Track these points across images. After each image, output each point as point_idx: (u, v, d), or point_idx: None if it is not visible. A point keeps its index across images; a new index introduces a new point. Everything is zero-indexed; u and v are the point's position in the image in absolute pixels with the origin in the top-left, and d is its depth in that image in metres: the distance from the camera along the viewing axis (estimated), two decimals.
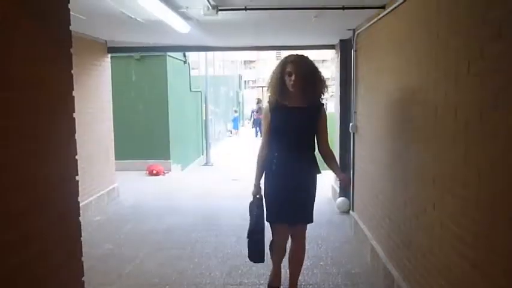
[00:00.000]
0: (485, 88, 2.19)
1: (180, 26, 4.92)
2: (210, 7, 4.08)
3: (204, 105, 14.39)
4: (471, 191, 2.36)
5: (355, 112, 5.74)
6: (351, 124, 5.85)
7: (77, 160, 1.84)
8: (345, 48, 6.58)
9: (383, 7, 4.17)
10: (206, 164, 13.70)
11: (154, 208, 7.14)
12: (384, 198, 4.22)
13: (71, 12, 1.79)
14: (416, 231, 3.23)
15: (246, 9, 4.25)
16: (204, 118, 14.48)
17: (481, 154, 2.24)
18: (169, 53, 10.68)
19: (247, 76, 39.59)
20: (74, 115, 1.81)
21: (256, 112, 21.51)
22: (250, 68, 44.27)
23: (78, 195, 1.84)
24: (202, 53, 14.47)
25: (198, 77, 14.68)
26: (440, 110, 2.79)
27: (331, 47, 7.39)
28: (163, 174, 10.19)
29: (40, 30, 1.59)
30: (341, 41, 6.70)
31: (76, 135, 1.85)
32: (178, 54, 11.66)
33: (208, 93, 14.53)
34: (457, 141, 2.54)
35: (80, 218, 1.93)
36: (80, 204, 1.93)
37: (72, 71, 1.79)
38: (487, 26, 2.16)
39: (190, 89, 13.23)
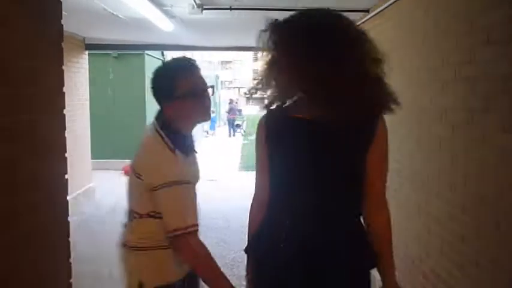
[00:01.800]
0: (474, 93, 2.22)
1: (163, 25, 4.86)
2: (195, 6, 4.04)
3: None
4: (457, 194, 2.39)
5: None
6: None
7: (66, 158, 1.79)
8: None
9: (367, 11, 4.22)
10: None
11: None
12: None
13: None
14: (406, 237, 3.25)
15: (230, 8, 4.23)
16: None
17: (469, 159, 2.27)
18: (147, 52, 10.55)
19: (223, 77, 39.54)
20: (64, 111, 1.76)
21: (228, 113, 21.81)
22: (226, 69, 44.19)
23: (67, 194, 1.79)
24: (181, 53, 14.33)
25: None
26: (427, 114, 2.82)
27: None
28: None
29: (31, 23, 1.53)
30: None
31: None
32: (157, 53, 11.52)
33: None
34: (443, 147, 2.57)
35: None
36: None
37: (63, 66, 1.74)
38: (477, 31, 2.19)
39: None
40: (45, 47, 1.65)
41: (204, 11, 4.20)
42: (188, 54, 15.26)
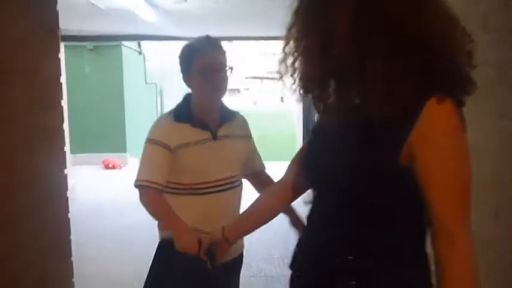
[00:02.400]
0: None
1: (146, 15, 4.73)
2: None
3: (159, 98, 14.08)
4: None
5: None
6: (315, 119, 5.85)
7: (65, 152, 1.69)
8: None
9: None
10: None
11: (114, 204, 6.88)
12: None
13: None
14: None
15: None
16: (160, 111, 14.17)
17: None
18: (124, 43, 10.32)
19: None
20: (62, 103, 1.67)
21: None
22: None
23: (67, 190, 1.70)
24: (158, 44, 14.13)
25: (153, 69, 14.33)
26: None
27: None
28: (119, 168, 9.87)
29: (27, 8, 1.43)
30: None
31: None
32: (133, 44, 11.29)
33: (163, 85, 14.23)
34: None
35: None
36: None
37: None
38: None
39: (146, 81, 12.88)
40: (42, 34, 1.55)
41: (188, 0, 4.10)
42: (167, 44, 15.03)
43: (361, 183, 1.03)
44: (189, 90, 2.02)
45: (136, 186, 1.86)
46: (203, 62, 1.83)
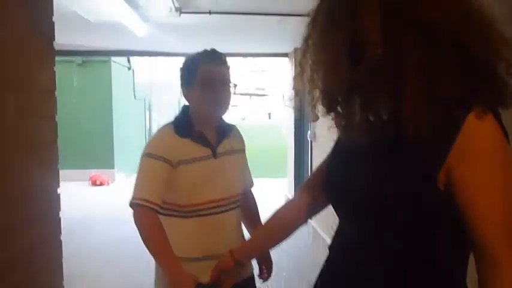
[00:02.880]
0: None
1: (137, 29, 4.68)
2: (174, 9, 3.90)
3: (147, 113, 13.98)
4: None
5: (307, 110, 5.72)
6: (308, 132, 5.83)
7: (58, 169, 1.61)
8: None
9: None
10: None
11: (101, 220, 6.76)
12: None
13: None
14: None
15: (210, 13, 4.11)
16: (148, 126, 14.06)
17: None
18: (113, 59, 10.26)
19: None
20: (56, 118, 1.59)
21: None
22: None
23: (59, 210, 1.61)
24: (146, 60, 14.09)
25: (141, 84, 14.26)
26: None
27: (284, 55, 7.38)
28: (107, 184, 9.72)
29: (22, 16, 1.37)
30: (296, 49, 6.69)
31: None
32: (123, 60, 11.23)
33: (152, 100, 14.14)
34: None
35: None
36: None
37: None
38: None
39: (135, 96, 12.79)
40: (38, 44, 1.48)
41: (182, 15, 4.06)
42: (156, 59, 15.02)
43: (392, 209, 0.94)
44: (180, 104, 1.93)
45: (131, 205, 1.71)
46: (206, 75, 1.76)
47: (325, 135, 5.17)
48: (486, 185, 0.88)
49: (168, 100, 23.51)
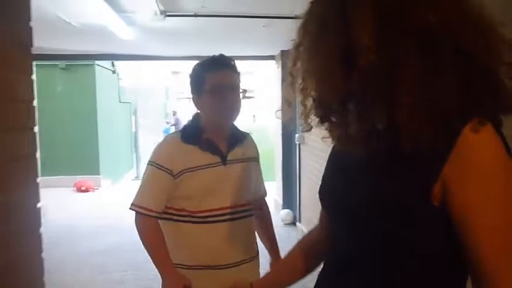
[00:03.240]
0: None
1: (122, 33, 4.60)
2: (159, 12, 3.83)
3: (133, 117, 13.85)
4: None
5: (300, 122, 5.69)
6: (296, 135, 5.79)
7: (38, 184, 1.53)
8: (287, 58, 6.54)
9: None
10: (137, 177, 13.12)
11: (88, 228, 6.62)
12: None
13: None
14: None
15: (195, 15, 4.05)
16: (134, 130, 13.92)
17: None
18: (97, 62, 10.11)
19: (174, 87, 38.87)
20: (35, 129, 1.51)
21: (174, 125, 20.44)
22: (177, 79, 43.44)
23: (40, 226, 1.53)
24: (131, 63, 13.96)
25: (127, 88, 14.12)
26: None
27: (271, 57, 7.34)
28: (92, 190, 9.57)
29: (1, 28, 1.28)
30: (282, 51, 6.65)
31: None
32: (107, 64, 11.08)
33: (138, 105, 14.01)
34: None
35: None
36: None
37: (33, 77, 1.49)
38: None
39: (120, 100, 12.65)
40: (13, 52, 1.40)
41: (166, 18, 4.00)
42: (142, 64, 14.92)
43: (383, 223, 0.88)
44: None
45: (132, 209, 1.81)
46: (215, 81, 1.74)
47: (313, 139, 5.13)
48: (483, 203, 0.80)
49: (153, 104, 23.39)
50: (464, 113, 0.81)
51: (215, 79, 1.75)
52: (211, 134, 1.80)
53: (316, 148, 5.02)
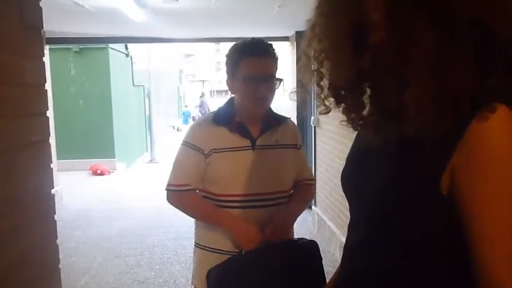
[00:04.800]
0: None
1: (134, 15, 4.54)
2: None
3: (147, 100, 13.83)
4: None
5: (316, 104, 5.60)
6: (312, 118, 5.71)
7: (52, 169, 1.50)
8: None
9: None
10: (151, 161, 13.16)
11: (103, 211, 6.67)
12: None
13: None
14: None
15: None
16: (147, 113, 13.92)
17: None
18: (111, 45, 10.07)
19: (186, 70, 38.77)
20: (48, 113, 1.47)
21: (199, 107, 20.84)
22: (189, 62, 43.37)
23: (55, 213, 1.50)
24: (144, 46, 13.91)
25: (140, 71, 14.10)
26: None
27: (285, 39, 7.22)
28: (108, 174, 9.63)
29: (4, 9, 1.23)
30: (297, 32, 6.53)
31: None
32: (121, 47, 11.04)
33: (151, 88, 13.98)
34: None
35: None
36: None
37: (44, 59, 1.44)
38: None
39: (133, 83, 12.63)
40: (23, 34, 1.35)
41: (179, 0, 3.93)
42: (154, 46, 14.86)
43: (390, 210, 0.85)
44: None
45: (168, 190, 1.81)
46: (250, 70, 1.67)
47: (329, 121, 5.05)
48: (492, 198, 0.74)
49: (166, 87, 23.38)
50: (477, 97, 0.74)
51: (250, 68, 1.67)
52: (244, 117, 1.77)
53: (332, 131, 4.94)
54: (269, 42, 1.76)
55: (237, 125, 1.74)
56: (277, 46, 1.88)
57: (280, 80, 1.76)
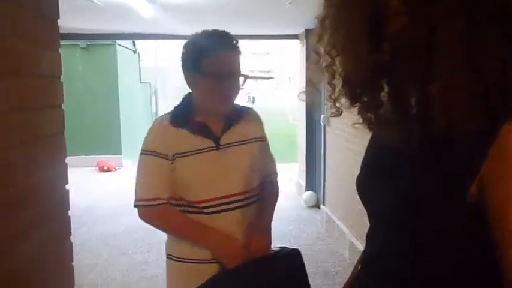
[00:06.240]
0: None
1: (143, 10, 4.52)
2: None
3: (154, 97, 13.84)
4: None
5: (326, 104, 5.55)
6: (322, 116, 5.67)
7: (66, 164, 1.46)
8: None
9: None
10: None
11: (109, 208, 6.65)
12: None
13: None
14: None
15: None
16: (154, 111, 13.92)
17: None
18: (118, 42, 10.06)
19: None
20: (63, 106, 1.43)
21: None
22: None
23: (68, 209, 1.46)
24: (151, 43, 13.90)
25: (147, 68, 14.08)
26: None
27: (294, 37, 7.17)
28: (114, 170, 9.62)
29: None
30: (307, 30, 6.48)
31: None
32: (128, 43, 11.03)
33: (158, 85, 13.99)
34: None
35: None
36: None
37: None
38: None
39: (141, 80, 12.62)
40: (39, 23, 1.31)
41: None
42: (161, 43, 14.82)
43: (411, 216, 0.79)
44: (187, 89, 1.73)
45: (137, 206, 1.65)
46: (214, 65, 1.53)
47: (339, 120, 5.00)
48: None
49: (174, 84, 23.45)
50: (507, 90, 0.67)
51: (214, 63, 1.53)
52: (205, 115, 1.61)
53: (342, 130, 4.90)
54: (232, 35, 1.61)
55: (198, 126, 1.60)
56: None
57: (246, 76, 1.62)
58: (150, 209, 1.61)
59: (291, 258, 1.64)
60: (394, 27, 0.70)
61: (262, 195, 1.75)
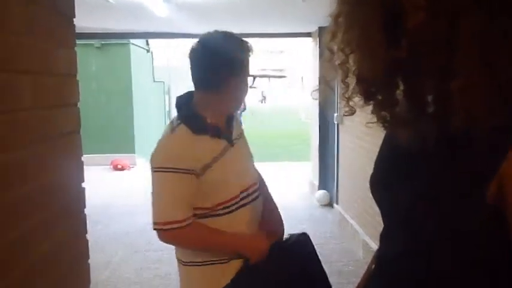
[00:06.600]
0: None
1: (157, 9, 4.53)
2: None
3: (167, 97, 13.91)
4: None
5: (339, 102, 5.52)
6: (335, 115, 5.64)
7: (83, 162, 1.47)
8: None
9: None
10: None
11: (124, 206, 6.70)
12: None
13: None
14: None
15: None
16: (167, 109, 13.99)
17: None
18: (132, 41, 10.13)
19: None
20: (79, 104, 1.44)
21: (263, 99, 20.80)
22: None
23: (85, 207, 1.47)
24: (164, 42, 13.96)
25: (160, 67, 14.15)
26: None
27: (307, 35, 7.14)
28: (128, 169, 9.69)
29: None
30: (320, 28, 6.45)
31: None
32: (142, 43, 11.10)
33: (171, 84, 14.06)
34: None
35: None
36: None
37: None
38: None
39: (154, 79, 12.69)
40: (54, 20, 1.31)
41: None
42: (174, 42, 14.83)
43: (428, 216, 0.77)
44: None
45: (156, 229, 1.54)
46: (246, 66, 1.62)
47: (352, 118, 4.97)
48: None
49: (187, 83, 23.52)
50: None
51: (247, 63, 1.61)
52: (213, 117, 1.59)
53: (355, 128, 4.87)
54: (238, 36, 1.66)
55: (213, 129, 1.57)
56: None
57: (254, 76, 1.73)
58: (176, 232, 1.50)
59: (301, 244, 1.70)
60: (414, 23, 0.68)
61: (260, 185, 1.81)
